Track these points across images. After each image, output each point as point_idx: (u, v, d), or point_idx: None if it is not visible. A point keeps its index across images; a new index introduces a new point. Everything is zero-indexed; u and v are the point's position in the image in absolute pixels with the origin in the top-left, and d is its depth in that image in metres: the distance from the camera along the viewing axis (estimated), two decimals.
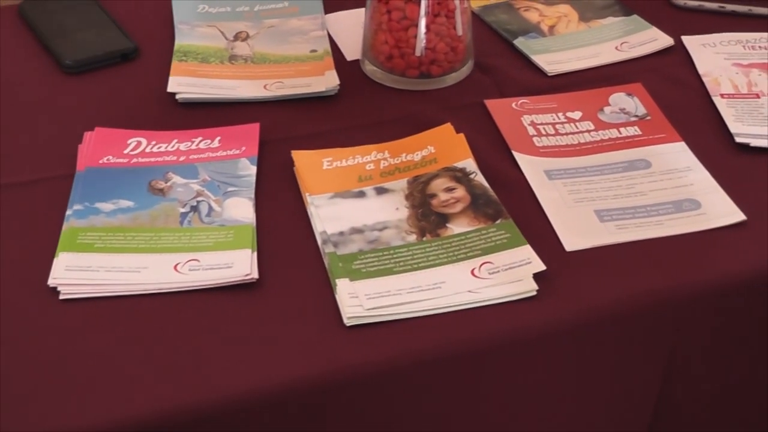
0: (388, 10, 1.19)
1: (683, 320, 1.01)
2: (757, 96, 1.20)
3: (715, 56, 1.26)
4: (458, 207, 1.04)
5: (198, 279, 0.97)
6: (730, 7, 1.34)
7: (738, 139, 1.14)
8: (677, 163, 1.11)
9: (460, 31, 1.20)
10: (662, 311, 1.00)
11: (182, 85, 1.20)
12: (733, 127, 1.16)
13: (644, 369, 1.02)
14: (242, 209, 1.05)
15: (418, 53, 1.19)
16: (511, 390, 0.98)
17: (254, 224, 1.03)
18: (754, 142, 1.14)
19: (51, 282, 0.96)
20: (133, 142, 1.13)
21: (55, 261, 0.98)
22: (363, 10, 1.22)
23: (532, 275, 0.97)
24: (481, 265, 0.98)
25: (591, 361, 1.00)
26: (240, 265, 0.98)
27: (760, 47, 1.28)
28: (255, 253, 1.00)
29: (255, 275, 0.97)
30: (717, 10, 1.34)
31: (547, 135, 1.14)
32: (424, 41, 1.19)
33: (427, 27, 1.18)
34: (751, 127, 1.16)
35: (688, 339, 1.02)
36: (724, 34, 1.30)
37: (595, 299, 0.98)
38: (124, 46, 1.27)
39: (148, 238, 1.01)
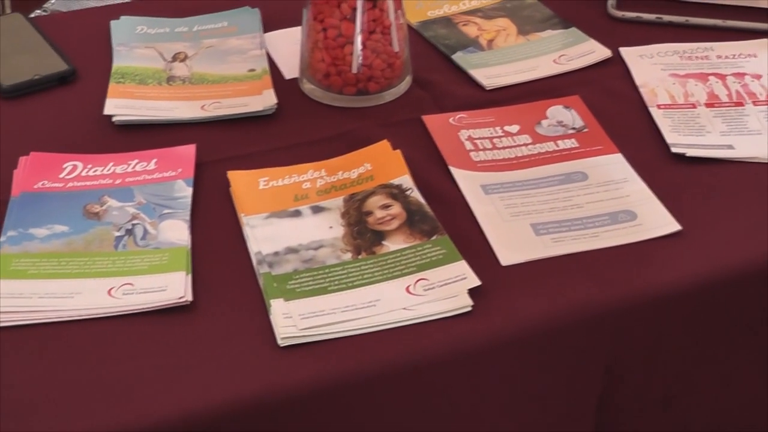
0: (324, 28, 1.18)
1: (621, 331, 1.01)
2: (694, 106, 1.21)
3: (652, 67, 1.27)
4: (394, 224, 1.04)
5: (132, 303, 0.97)
6: (667, 18, 1.35)
7: (674, 150, 1.15)
8: (614, 174, 1.12)
9: (396, 48, 1.20)
10: (599, 322, 1.00)
11: (119, 107, 1.20)
12: (670, 137, 1.16)
13: (584, 379, 1.03)
14: (177, 231, 1.04)
15: (354, 70, 1.19)
16: (450, 405, 0.98)
17: (189, 246, 1.03)
18: (690, 152, 1.14)
19: None
20: (68, 166, 1.12)
21: None
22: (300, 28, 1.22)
23: (467, 291, 0.97)
24: (416, 282, 0.98)
25: (530, 373, 1.00)
26: (174, 287, 0.98)
27: (696, 57, 1.29)
28: (189, 276, 0.99)
29: (189, 298, 0.97)
30: (654, 21, 1.35)
31: (485, 149, 1.15)
32: (361, 58, 1.19)
33: (363, 44, 1.18)
34: (687, 137, 1.16)
35: (626, 349, 1.02)
36: (661, 45, 1.31)
37: (530, 313, 0.98)
38: (61, 69, 1.26)
39: (83, 263, 1.00)
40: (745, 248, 1.04)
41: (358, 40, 1.18)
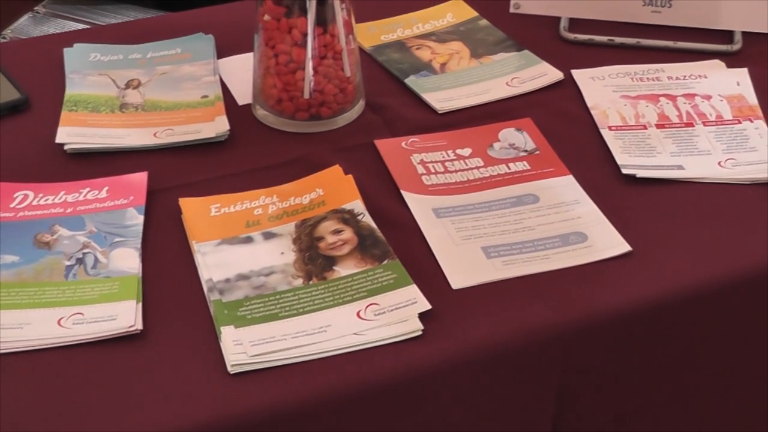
0: (275, 54, 1.19)
1: (572, 352, 1.01)
2: (645, 127, 1.22)
3: (603, 89, 1.28)
4: (345, 249, 1.04)
5: (82, 333, 0.96)
6: (619, 39, 1.36)
7: (624, 171, 1.15)
8: (565, 196, 1.12)
9: (348, 72, 1.20)
10: (551, 344, 1.00)
11: (71, 135, 1.19)
12: (620, 158, 1.17)
13: (537, 401, 1.03)
14: (128, 260, 1.04)
15: (306, 96, 1.19)
16: (401, 430, 0.97)
17: (140, 275, 1.03)
18: (640, 173, 1.15)
19: None
20: (19, 195, 1.12)
21: None
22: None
23: (417, 315, 0.97)
24: (367, 307, 0.98)
25: (482, 396, 1.00)
26: (124, 316, 0.97)
27: (648, 79, 1.30)
28: (140, 304, 0.99)
29: (139, 326, 0.97)
30: (606, 43, 1.36)
31: (436, 173, 1.15)
32: (312, 84, 1.19)
33: (315, 69, 1.18)
34: (638, 158, 1.17)
35: (578, 370, 1.03)
36: (612, 66, 1.32)
37: (481, 336, 0.98)
38: (13, 98, 1.26)
39: (32, 293, 1.00)
40: (694, 269, 1.05)
41: (310, 65, 1.18)
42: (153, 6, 2.19)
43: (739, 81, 1.29)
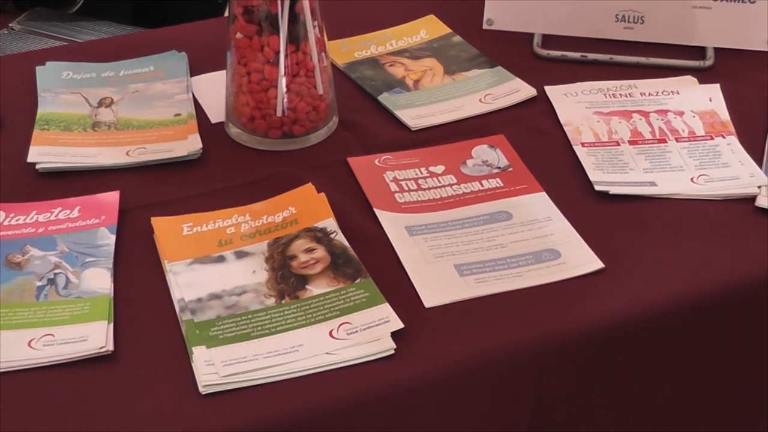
0: (248, 72, 1.19)
1: (545, 369, 1.01)
2: (617, 143, 1.22)
3: (576, 105, 1.28)
4: (318, 268, 1.04)
5: (52, 354, 0.96)
6: (592, 56, 1.37)
7: (597, 188, 1.16)
8: (538, 213, 1.12)
9: (320, 90, 1.20)
10: (523, 362, 1.00)
11: (43, 154, 1.19)
12: (593, 175, 1.17)
13: (510, 419, 1.03)
14: (100, 280, 1.03)
15: (279, 114, 1.19)
16: None
17: (111, 295, 1.02)
18: (613, 190, 1.15)
19: None
20: None
21: None
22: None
23: (390, 334, 0.97)
24: (339, 326, 0.98)
25: (455, 415, 1.00)
26: (95, 337, 0.97)
27: (620, 95, 1.30)
28: (111, 325, 0.99)
29: (110, 347, 0.96)
30: (579, 59, 1.37)
31: (409, 190, 1.15)
32: (285, 101, 1.19)
33: (287, 87, 1.18)
34: (611, 175, 1.18)
35: (552, 388, 1.02)
36: (585, 83, 1.32)
37: (454, 354, 0.98)
38: None
39: (3, 315, 0.99)
40: (667, 285, 1.05)
41: (282, 83, 1.18)
42: (129, 22, 2.19)
43: (712, 97, 1.30)
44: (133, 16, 2.31)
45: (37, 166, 1.18)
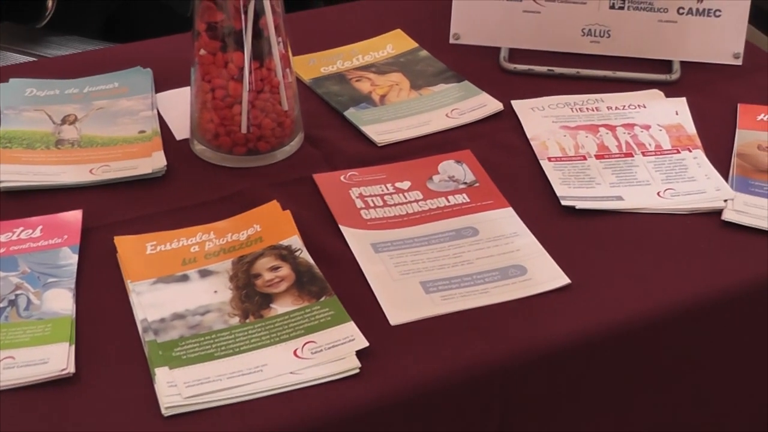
0: (212, 88, 1.18)
1: (512, 386, 1.01)
2: (584, 158, 1.22)
3: (543, 119, 1.28)
4: (283, 286, 1.03)
5: (13, 377, 0.94)
6: (558, 70, 1.36)
7: (564, 202, 1.15)
8: (504, 229, 1.12)
9: (285, 106, 1.20)
10: (490, 379, 1.00)
11: (5, 173, 1.18)
12: (560, 190, 1.17)
13: None
14: (62, 301, 1.02)
15: (244, 130, 1.18)
16: None
17: (74, 316, 1.01)
18: (580, 205, 1.15)
19: None
20: None
21: None
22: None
23: (354, 352, 0.96)
24: (303, 345, 0.97)
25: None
26: (56, 360, 0.96)
27: (587, 109, 1.30)
28: (73, 347, 0.97)
29: (71, 370, 0.95)
30: (546, 73, 1.37)
31: (375, 207, 1.14)
32: (250, 118, 1.18)
33: (252, 104, 1.18)
34: (577, 190, 1.17)
35: (518, 404, 1.02)
36: (552, 97, 1.32)
37: (420, 372, 0.97)
38: None
39: None
40: (633, 300, 1.05)
41: (246, 99, 1.17)
42: (98, 37, 2.17)
43: (678, 110, 1.30)
44: (102, 31, 2.29)
45: (0, 185, 1.16)
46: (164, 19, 2.08)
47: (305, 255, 1.06)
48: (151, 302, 1.02)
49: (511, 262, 1.08)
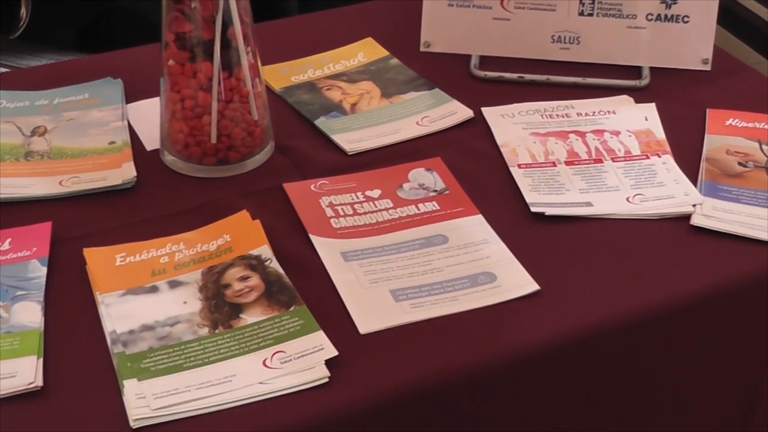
0: (181, 98, 1.18)
1: (482, 392, 1.01)
2: (554, 164, 1.22)
3: (513, 126, 1.28)
4: (252, 296, 1.03)
5: None
6: (529, 77, 1.37)
7: (533, 209, 1.16)
8: (474, 236, 1.12)
9: (255, 116, 1.20)
10: (460, 387, 1.00)
11: None
12: (529, 196, 1.17)
13: None
14: (30, 314, 1.02)
15: (213, 140, 1.18)
16: None
17: (42, 329, 1.01)
18: (549, 211, 1.15)
19: None
20: None
21: None
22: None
23: (324, 362, 0.97)
24: (273, 355, 0.97)
25: None
26: (24, 373, 0.95)
27: (557, 115, 1.30)
28: (41, 360, 0.97)
29: (39, 383, 0.95)
30: (516, 80, 1.37)
31: (345, 215, 1.14)
32: (219, 128, 1.18)
33: (221, 113, 1.18)
34: (547, 196, 1.18)
35: (488, 412, 1.02)
36: (522, 104, 1.32)
37: (389, 381, 0.97)
38: None
39: None
40: (602, 305, 1.05)
41: (216, 109, 1.17)
42: (73, 48, 2.17)
43: (648, 116, 1.31)
44: (77, 42, 2.29)
45: None
46: (140, 28, 2.08)
47: (275, 264, 1.06)
48: (119, 314, 1.02)
49: (481, 269, 1.08)
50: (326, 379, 0.96)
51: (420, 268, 1.08)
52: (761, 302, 1.11)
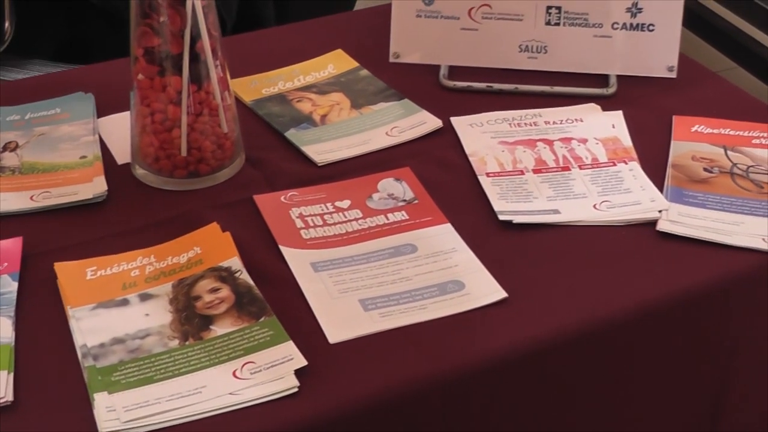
0: (151, 112, 1.19)
1: (452, 400, 1.02)
2: (522, 173, 1.24)
3: (481, 135, 1.30)
4: (222, 307, 1.04)
5: None
6: (497, 86, 1.38)
7: (501, 217, 1.17)
8: (443, 245, 1.13)
9: (225, 129, 1.21)
10: (429, 395, 1.01)
11: None
12: (497, 205, 1.18)
13: None
14: (1, 328, 1.02)
15: (184, 153, 1.19)
16: None
17: (13, 344, 1.01)
18: (517, 219, 1.16)
19: None
20: None
21: None
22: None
23: (293, 372, 0.97)
24: (243, 366, 0.98)
25: None
26: None
27: (525, 124, 1.32)
28: (11, 375, 0.98)
29: (9, 398, 0.95)
30: (485, 89, 1.38)
31: (315, 226, 1.15)
32: (189, 141, 1.19)
33: (191, 127, 1.18)
34: (515, 204, 1.19)
35: (459, 419, 1.03)
36: (491, 113, 1.33)
37: (358, 389, 0.98)
38: None
39: None
40: (570, 312, 1.06)
41: (185, 123, 1.18)
42: (62, 60, 2.16)
43: (615, 123, 1.32)
44: (56, 56, 2.29)
45: None
46: (119, 43, 2.08)
47: (245, 276, 1.07)
48: (90, 327, 1.02)
49: (450, 278, 1.09)
50: (296, 389, 0.97)
51: (389, 277, 1.09)
52: (727, 306, 1.12)
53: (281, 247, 1.12)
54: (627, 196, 1.20)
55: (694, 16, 2.41)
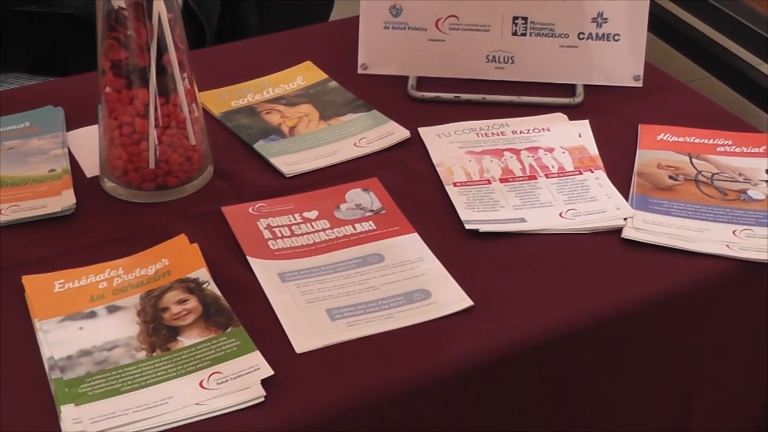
0: (119, 125, 1.19)
1: (417, 408, 1.03)
2: (489, 182, 1.25)
3: (449, 145, 1.31)
4: (190, 318, 1.05)
5: None
6: (465, 96, 1.39)
7: (468, 226, 1.18)
8: (409, 254, 1.14)
9: (193, 141, 1.21)
10: (395, 403, 1.02)
11: None
12: (464, 214, 1.19)
13: None
14: None
15: (152, 166, 1.20)
16: None
17: None
18: (483, 228, 1.17)
19: None
20: None
21: None
22: None
23: (260, 381, 0.98)
24: (209, 376, 0.99)
25: None
26: None
27: (492, 134, 1.33)
28: None
29: None
30: (453, 100, 1.39)
31: (283, 237, 1.16)
32: (157, 153, 1.19)
33: (159, 139, 1.19)
34: (481, 213, 1.20)
35: (424, 427, 1.04)
36: (458, 123, 1.34)
37: (324, 399, 0.99)
38: None
39: None
40: (535, 319, 1.07)
41: (153, 135, 1.18)
42: (38, 72, 2.16)
43: (581, 132, 1.33)
44: (34, 67, 2.28)
45: None
46: (94, 58, 2.08)
47: (212, 287, 1.08)
48: (58, 340, 1.03)
49: (416, 287, 1.10)
50: (262, 399, 0.97)
51: (356, 287, 1.10)
52: (691, 311, 1.14)
53: (249, 258, 1.13)
54: (593, 204, 1.21)
55: (665, 25, 2.43)
